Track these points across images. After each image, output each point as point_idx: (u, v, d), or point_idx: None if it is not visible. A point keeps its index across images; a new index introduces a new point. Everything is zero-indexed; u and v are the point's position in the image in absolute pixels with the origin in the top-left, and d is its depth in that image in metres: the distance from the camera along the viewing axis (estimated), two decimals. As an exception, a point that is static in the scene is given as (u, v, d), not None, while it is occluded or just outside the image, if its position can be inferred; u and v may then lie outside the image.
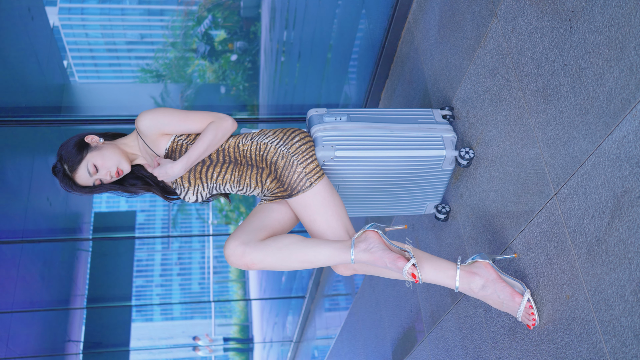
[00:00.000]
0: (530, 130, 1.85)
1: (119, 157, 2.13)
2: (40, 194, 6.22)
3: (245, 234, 1.98)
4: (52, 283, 7.63)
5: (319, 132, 2.22)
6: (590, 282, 1.58)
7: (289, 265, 1.97)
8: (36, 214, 6.33)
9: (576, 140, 1.62)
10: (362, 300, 4.29)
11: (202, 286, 15.43)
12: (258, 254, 1.93)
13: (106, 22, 4.71)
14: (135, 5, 4.68)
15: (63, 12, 4.35)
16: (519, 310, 1.84)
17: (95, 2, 4.55)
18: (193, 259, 15.34)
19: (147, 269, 15.70)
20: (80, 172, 2.10)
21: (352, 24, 4.07)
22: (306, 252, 1.94)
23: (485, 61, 2.15)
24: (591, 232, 1.57)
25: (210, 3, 4.65)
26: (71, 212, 7.43)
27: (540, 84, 1.79)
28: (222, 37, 4.94)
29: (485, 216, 2.18)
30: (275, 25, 5.08)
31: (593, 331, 1.57)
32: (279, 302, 10.09)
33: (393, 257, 1.85)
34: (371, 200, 2.41)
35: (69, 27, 4.53)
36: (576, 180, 1.62)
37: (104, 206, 9.99)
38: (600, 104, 1.51)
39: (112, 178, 2.13)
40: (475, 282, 1.87)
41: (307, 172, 2.07)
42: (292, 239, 1.97)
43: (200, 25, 4.73)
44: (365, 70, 3.64)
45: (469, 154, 2.24)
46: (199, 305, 15.27)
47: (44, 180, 6.11)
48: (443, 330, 2.66)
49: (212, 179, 2.18)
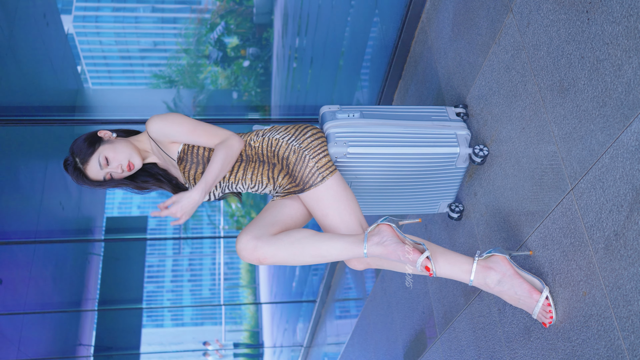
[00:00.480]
0: (546, 125, 1.83)
1: (131, 150, 2.13)
2: (53, 198, 6.25)
3: (258, 229, 1.97)
4: (64, 286, 7.66)
5: (332, 128, 2.20)
6: (607, 278, 1.55)
7: (301, 259, 1.95)
8: (49, 217, 6.36)
9: (593, 134, 1.60)
10: (374, 303, 4.26)
11: (212, 291, 15.43)
12: (270, 248, 1.92)
13: (120, 30, 4.75)
14: (149, 13, 4.70)
15: (78, 20, 4.39)
16: (536, 307, 1.81)
17: (109, 10, 4.58)
18: (204, 265, 15.37)
19: (158, 274, 15.76)
20: (91, 165, 2.09)
21: (365, 27, 4.07)
22: (319, 246, 1.92)
23: (500, 57, 2.13)
24: (609, 226, 1.54)
25: (223, 10, 4.67)
26: (83, 216, 7.47)
27: (556, 78, 1.77)
28: (235, 43, 4.95)
29: (500, 214, 2.16)
30: (288, 31, 5.09)
31: (611, 328, 1.53)
32: (290, 307, 10.06)
33: (407, 250, 1.82)
34: (384, 198, 2.39)
35: (84, 35, 4.57)
36: (593, 174, 1.60)
37: (116, 211, 10.04)
38: (619, 96, 1.49)
39: (124, 172, 2.12)
40: (491, 276, 1.84)
41: (319, 167, 2.06)
42: (305, 233, 1.95)
43: (213, 32, 4.75)
44: (378, 71, 3.63)
45: (483, 151, 2.22)
46: (210, 311, 15.27)
47: (57, 185, 6.15)
48: (456, 331, 2.63)
49: (224, 178, 2.17)
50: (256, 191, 2.21)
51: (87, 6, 4.41)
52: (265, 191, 2.20)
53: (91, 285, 8.53)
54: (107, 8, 4.55)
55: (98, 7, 4.51)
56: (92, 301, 8.72)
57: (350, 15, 4.34)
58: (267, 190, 2.20)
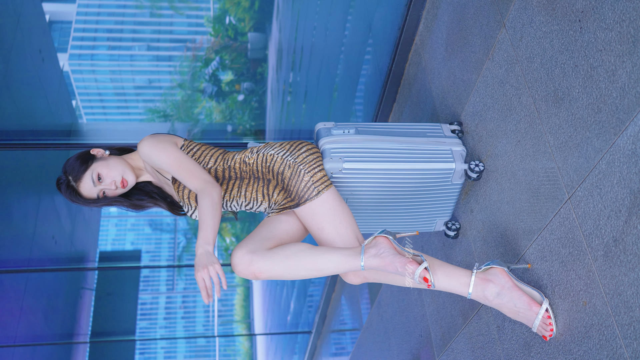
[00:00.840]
0: (542, 136, 1.83)
1: (124, 167, 2.11)
2: (46, 232, 6.21)
3: (253, 243, 1.94)
4: (55, 320, 7.55)
5: (327, 144, 2.20)
6: (608, 285, 1.52)
7: (297, 273, 1.92)
8: (41, 251, 6.31)
9: (589, 141, 1.59)
10: (370, 330, 4.20)
11: (206, 327, 15.23)
12: (265, 263, 1.89)
13: (115, 68, 4.78)
14: (144, 51, 4.75)
15: (73, 58, 4.42)
16: (536, 319, 1.78)
17: (104, 48, 4.62)
18: (197, 301, 15.22)
19: (151, 310, 15.58)
20: (84, 182, 2.07)
21: (358, 56, 4.11)
22: (315, 260, 1.90)
23: (493, 73, 2.14)
24: (607, 232, 1.52)
25: (218, 45, 4.71)
26: (76, 250, 7.41)
27: (550, 89, 1.78)
28: (230, 78, 4.99)
29: (497, 229, 2.14)
30: (282, 66, 5.13)
31: (612, 336, 1.51)
32: (285, 341, 9.92)
33: (404, 261, 1.80)
34: (380, 215, 2.37)
35: (79, 72, 4.60)
36: (590, 182, 1.59)
37: (109, 246, 9.97)
38: (614, 101, 1.49)
39: (117, 189, 2.10)
40: (490, 289, 1.82)
41: (314, 181, 2.04)
42: (300, 247, 1.92)
43: (208, 67, 4.79)
44: (372, 95, 3.65)
45: (479, 166, 2.21)
46: (204, 347, 15.04)
47: (50, 219, 6.12)
48: (454, 353, 2.58)
49: None
50: (251, 209, 2.19)
51: (83, 45, 4.46)
52: (260, 209, 2.18)
53: (83, 320, 8.41)
54: (102, 46, 4.60)
55: (94, 46, 4.55)
56: (84, 336, 8.59)
57: (344, 46, 4.39)
58: (262, 208, 2.18)
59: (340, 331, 5.81)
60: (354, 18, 4.02)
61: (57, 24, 4.33)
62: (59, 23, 4.36)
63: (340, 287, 5.44)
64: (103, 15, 4.41)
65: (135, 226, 9.98)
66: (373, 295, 4.09)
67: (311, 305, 6.81)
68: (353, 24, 4.06)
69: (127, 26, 4.53)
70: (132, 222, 9.81)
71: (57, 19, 4.31)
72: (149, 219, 9.47)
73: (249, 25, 4.66)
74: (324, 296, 5.80)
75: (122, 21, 4.48)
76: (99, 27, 4.45)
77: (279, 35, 4.87)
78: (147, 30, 4.59)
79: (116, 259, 9.17)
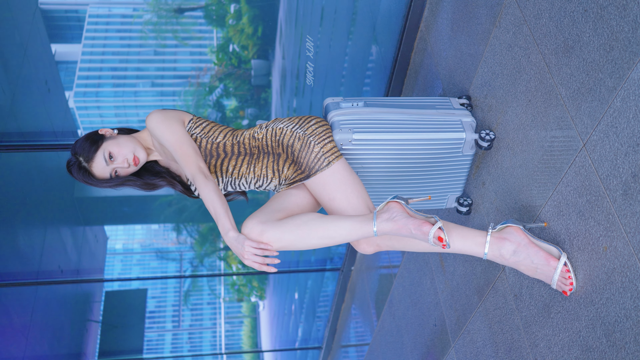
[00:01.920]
0: (553, 89, 1.82)
1: (135, 144, 2.10)
2: (52, 263, 6.20)
3: (264, 214, 1.92)
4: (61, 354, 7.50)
5: (336, 116, 2.19)
6: (628, 224, 1.49)
7: (309, 242, 1.88)
8: (47, 278, 6.29)
9: (602, 82, 1.58)
10: (382, 332, 4.13)
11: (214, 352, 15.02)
12: (276, 232, 1.86)
13: (120, 104, 4.84)
14: (148, 88, 4.80)
15: (78, 96, 4.48)
16: (555, 275, 1.74)
17: (109, 86, 4.69)
18: (204, 338, 15.12)
19: (157, 347, 15.41)
20: (96, 162, 2.05)
21: (362, 63, 4.14)
22: (326, 227, 1.87)
23: (501, 39, 2.14)
24: (626, 170, 1.50)
25: (222, 73, 4.75)
26: (82, 288, 7.42)
27: (560, 40, 1.77)
28: (234, 105, 5.03)
29: (511, 195, 2.11)
30: (286, 91, 5.16)
31: (636, 275, 1.47)
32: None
33: (418, 223, 1.77)
34: (390, 189, 2.35)
35: (84, 109, 4.66)
36: (605, 123, 1.57)
37: (116, 277, 9.92)
38: (626, 35, 1.48)
39: (130, 166, 2.08)
40: (506, 247, 1.78)
41: (324, 152, 2.03)
42: (311, 216, 1.90)
43: (212, 94, 4.82)
44: (377, 91, 3.66)
45: (490, 135, 2.19)
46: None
47: (56, 249, 6.11)
48: (470, 334, 2.53)
49: (227, 173, 2.13)
50: (260, 186, 2.17)
51: (88, 83, 4.52)
52: (270, 186, 2.16)
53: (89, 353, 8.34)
54: (107, 84, 4.66)
55: (99, 84, 4.62)
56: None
57: (348, 54, 4.41)
58: (272, 186, 2.16)
59: (351, 345, 5.71)
60: (358, 20, 4.05)
61: (63, 64, 4.42)
62: (64, 63, 4.45)
63: (349, 297, 5.37)
64: (108, 54, 4.49)
65: (140, 261, 9.94)
66: (384, 296, 4.03)
67: (320, 321, 6.71)
68: (357, 26, 4.10)
69: (131, 64, 4.60)
70: (137, 257, 9.78)
71: (63, 59, 4.40)
72: (155, 248, 9.45)
73: (252, 52, 4.70)
74: (334, 308, 5.72)
75: (127, 59, 4.56)
76: (104, 65, 4.53)
77: (283, 61, 4.90)
78: (151, 68, 4.65)
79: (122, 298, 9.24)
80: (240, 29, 4.43)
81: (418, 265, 3.24)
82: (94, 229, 7.36)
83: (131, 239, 8.89)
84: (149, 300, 10.11)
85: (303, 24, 4.62)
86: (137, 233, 8.84)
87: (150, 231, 8.64)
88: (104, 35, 4.35)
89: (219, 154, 2.12)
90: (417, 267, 3.26)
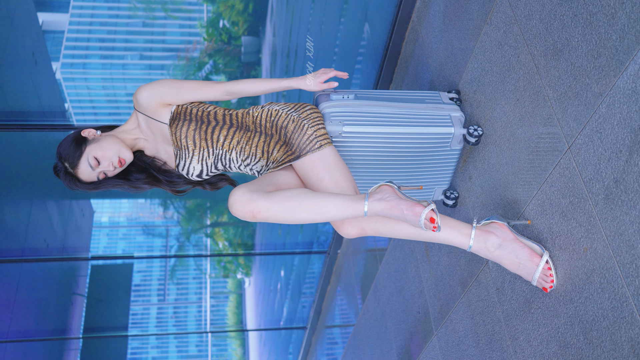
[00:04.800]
0: (541, 90, 1.85)
1: (118, 145, 2.10)
2: (38, 236, 6.19)
3: (253, 185, 1.91)
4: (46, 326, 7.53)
5: (327, 108, 2.21)
6: (609, 227, 1.54)
7: (297, 216, 1.87)
8: (33, 255, 6.29)
9: (589, 87, 1.61)
10: (366, 317, 4.19)
11: (199, 348, 15.12)
12: (265, 202, 1.85)
13: (107, 76, 4.78)
14: (137, 60, 4.75)
15: (65, 67, 4.42)
16: (536, 271, 1.79)
17: (97, 57, 4.63)
18: (189, 313, 15.18)
19: (142, 321, 15.48)
20: (82, 167, 2.06)
21: (354, 44, 4.13)
22: (317, 202, 1.86)
23: (492, 36, 2.16)
24: (608, 175, 1.54)
25: (211, 49, 4.72)
26: (68, 254, 7.40)
27: (549, 42, 1.80)
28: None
29: (496, 191, 2.15)
30: (276, 69, 5.14)
31: (614, 277, 1.52)
32: (278, 344, 9.87)
33: (410, 204, 1.77)
34: (379, 181, 2.38)
35: (71, 80, 4.60)
36: (590, 127, 1.61)
37: (101, 250, 9.91)
38: (613, 43, 1.51)
39: (116, 169, 2.09)
40: (492, 240, 1.83)
41: (317, 135, 2.05)
42: (302, 190, 1.89)
43: (201, 71, 4.79)
44: (368, 79, 3.67)
45: (478, 131, 2.23)
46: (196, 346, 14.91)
47: (42, 222, 6.10)
48: (453, 323, 2.59)
49: (217, 143, 2.12)
50: (247, 165, 2.17)
51: (75, 54, 4.46)
52: (256, 166, 2.16)
53: (74, 327, 8.37)
54: (95, 55, 4.60)
55: (86, 55, 4.56)
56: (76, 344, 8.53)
57: (339, 38, 4.41)
58: (259, 167, 2.16)
59: (336, 326, 5.79)
60: (350, 7, 4.04)
61: (49, 33, 4.35)
62: (51, 33, 4.38)
63: (335, 279, 5.43)
64: (95, 24, 4.43)
65: (126, 235, 9.93)
66: (369, 281, 4.09)
67: (305, 302, 6.78)
68: (349, 12, 4.09)
69: (120, 35, 4.55)
70: (123, 232, 9.77)
71: (50, 28, 4.34)
72: (142, 222, 9.43)
73: (243, 29, 4.66)
74: (319, 290, 5.79)
75: (115, 30, 4.50)
76: (92, 36, 4.47)
77: (273, 38, 4.87)
78: (140, 40, 4.59)
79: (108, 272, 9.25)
80: (231, 4, 4.40)
81: (404, 253, 3.29)
82: (80, 203, 7.33)
83: (117, 212, 8.87)
84: (134, 274, 10.15)
85: (295, 2, 4.59)
86: (123, 206, 8.80)
87: (136, 205, 8.60)
88: (91, 4, 4.30)
89: (209, 120, 2.13)
90: (402, 255, 3.32)
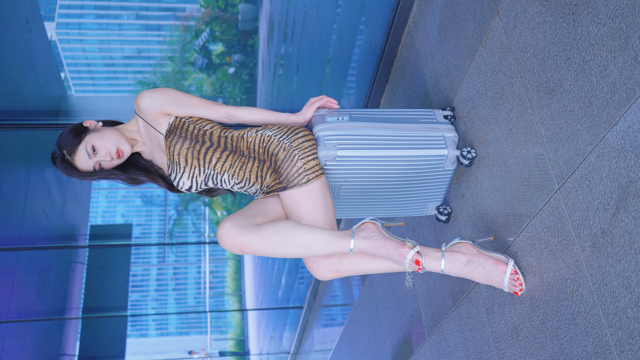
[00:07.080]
0: (533, 126, 1.85)
1: (118, 137, 2.11)
2: (37, 206, 6.20)
3: (242, 217, 1.94)
4: (47, 295, 7.58)
5: (321, 131, 2.21)
6: (595, 275, 1.57)
7: (284, 250, 1.92)
8: (32, 225, 6.31)
9: (580, 134, 1.62)
10: (361, 307, 4.27)
11: (197, 300, 15.37)
12: (253, 237, 1.89)
13: (103, 37, 4.71)
14: (133, 20, 4.68)
15: (60, 27, 4.34)
16: (505, 278, 1.91)
17: (92, 17, 4.55)
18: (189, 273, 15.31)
19: (142, 282, 15.63)
20: (79, 154, 2.07)
21: (351, 32, 4.10)
22: (304, 237, 1.90)
23: (486, 60, 2.15)
24: (596, 224, 1.56)
25: (208, 16, 4.66)
26: (67, 224, 7.41)
27: (543, 79, 1.80)
28: (220, 50, 4.95)
29: (487, 215, 2.18)
30: (273, 38, 5.09)
31: (598, 324, 1.55)
32: (276, 315, 10.03)
33: (396, 245, 1.85)
34: (372, 200, 2.40)
35: (67, 42, 4.53)
36: (580, 174, 1.62)
37: (100, 219, 9.96)
38: (605, 96, 1.51)
39: (113, 160, 2.10)
40: (459, 259, 1.93)
41: (306, 168, 2.07)
42: (289, 223, 1.93)
43: (198, 39, 4.74)
44: (364, 75, 3.65)
45: (471, 153, 2.24)
46: (195, 320, 15.15)
47: (40, 192, 6.10)
48: (444, 333, 2.64)
49: (209, 164, 2.14)
50: (241, 188, 2.19)
51: (70, 13, 4.38)
52: (251, 190, 2.19)
53: (75, 294, 8.44)
54: (90, 15, 4.52)
55: (81, 14, 4.48)
56: (76, 310, 8.64)
57: (337, 22, 4.36)
58: (254, 190, 2.19)
59: (331, 306, 5.89)
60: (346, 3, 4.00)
61: None
62: None
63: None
64: None
65: (125, 198, 9.97)
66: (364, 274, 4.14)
67: (302, 281, 6.88)
68: (345, 7, 4.04)
69: None
70: (122, 194, 9.80)
71: None
72: (140, 191, 9.45)
73: None
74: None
75: None
76: None
77: (270, 6, 4.82)
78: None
79: (107, 232, 9.18)
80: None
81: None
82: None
83: (115, 185, 8.85)
84: (134, 235, 10.16)
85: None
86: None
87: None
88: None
89: (204, 140, 2.14)
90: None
